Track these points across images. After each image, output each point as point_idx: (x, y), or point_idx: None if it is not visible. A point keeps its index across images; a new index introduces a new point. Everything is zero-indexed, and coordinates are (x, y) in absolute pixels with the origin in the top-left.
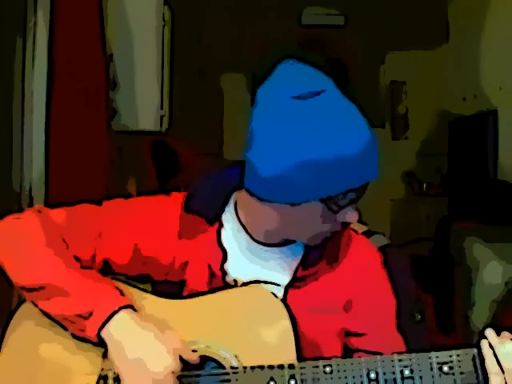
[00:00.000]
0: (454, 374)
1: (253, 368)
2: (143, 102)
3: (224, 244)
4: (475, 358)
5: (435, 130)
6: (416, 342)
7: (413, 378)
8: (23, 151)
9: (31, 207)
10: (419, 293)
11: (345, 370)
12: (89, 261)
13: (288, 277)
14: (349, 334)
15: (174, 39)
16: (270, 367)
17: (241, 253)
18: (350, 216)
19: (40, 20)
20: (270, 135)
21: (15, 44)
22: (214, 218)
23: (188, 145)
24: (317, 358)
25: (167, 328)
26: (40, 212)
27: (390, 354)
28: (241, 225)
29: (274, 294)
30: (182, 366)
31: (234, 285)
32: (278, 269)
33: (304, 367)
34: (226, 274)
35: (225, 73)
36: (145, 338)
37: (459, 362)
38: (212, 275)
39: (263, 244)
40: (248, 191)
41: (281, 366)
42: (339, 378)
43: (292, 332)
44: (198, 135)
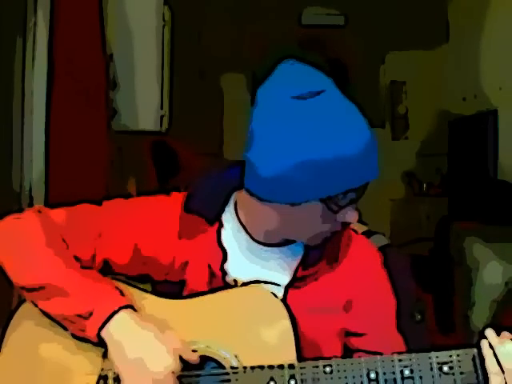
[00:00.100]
0: (454, 374)
1: (253, 368)
2: (143, 102)
3: (224, 244)
4: (475, 358)
5: (435, 130)
6: (416, 341)
7: (413, 378)
8: (23, 151)
9: (31, 207)
10: (419, 293)
11: (345, 370)
12: (89, 261)
13: (288, 277)
14: (349, 333)
15: (174, 39)
16: (270, 367)
17: (241, 253)
18: (350, 216)
19: (40, 20)
20: (269, 135)
21: (15, 44)
22: (214, 217)
23: (188, 145)
24: (317, 358)
25: (167, 328)
26: (40, 212)
27: (390, 354)
28: (241, 225)
29: (274, 294)
30: (182, 366)
31: (234, 285)
32: (278, 269)
33: (304, 367)
34: (225, 274)
35: (225, 73)
36: (145, 337)
37: (459, 362)
38: (212, 275)
39: (263, 244)
40: (248, 191)
41: (281, 366)
42: (339, 378)
43: (292, 332)
44: (198, 135)
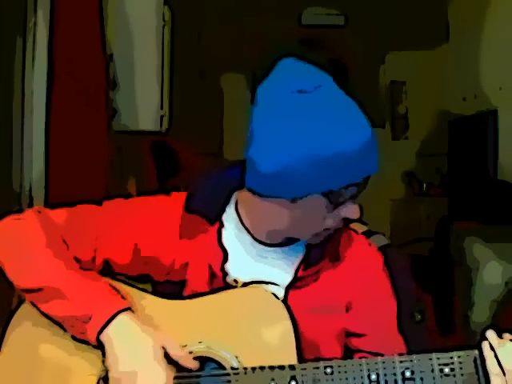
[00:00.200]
0: (455, 376)
1: (253, 369)
2: (143, 102)
3: (225, 244)
4: (476, 360)
5: (435, 130)
6: (416, 342)
7: (414, 380)
8: (23, 151)
9: (31, 207)
10: (419, 293)
11: (345, 371)
12: (89, 261)
13: (289, 277)
14: (349, 334)
15: (174, 39)
16: (271, 368)
17: (241, 253)
18: (352, 211)
19: (40, 20)
20: (269, 131)
21: (15, 44)
22: (215, 217)
23: (188, 145)
24: (318, 358)
25: (167, 330)
26: (40, 212)
27: (391, 355)
28: (242, 225)
29: (274, 295)
30: (175, 375)
31: (235, 285)
32: (279, 269)
33: (305, 368)
34: (226, 274)
35: (225, 73)
36: (141, 346)
37: (460, 363)
38: (212, 275)
39: (264, 244)
40: (250, 190)
41: (281, 367)
42: (340, 379)
43: (293, 333)
44: (198, 135)
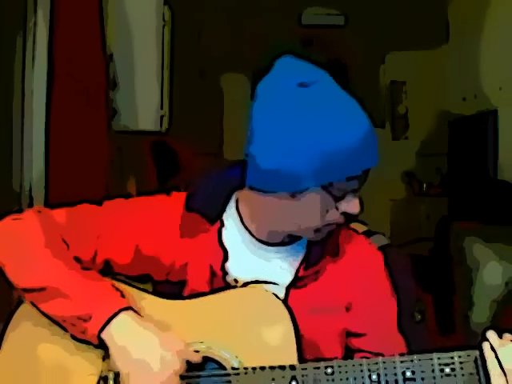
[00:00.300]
0: (455, 376)
1: (254, 369)
2: (143, 102)
3: (225, 243)
4: (477, 360)
5: (435, 130)
6: (416, 341)
7: (414, 380)
8: (23, 151)
9: (31, 207)
10: (419, 293)
11: (346, 372)
12: (89, 261)
13: (289, 276)
14: (349, 334)
15: (174, 39)
16: (272, 368)
17: (242, 252)
18: (353, 205)
19: (40, 20)
20: (269, 125)
21: (15, 44)
22: (215, 217)
23: (188, 145)
24: (318, 359)
25: (168, 329)
26: (40, 212)
27: (391, 355)
28: (242, 224)
29: (275, 295)
30: (186, 367)
31: (235, 284)
32: (280, 268)
33: (305, 368)
34: (226, 274)
35: (225, 73)
36: (147, 339)
37: (461, 363)
38: (213, 275)
39: (265, 243)
40: (251, 187)
41: (282, 367)
42: (340, 379)
43: (293, 333)
44: (198, 135)
